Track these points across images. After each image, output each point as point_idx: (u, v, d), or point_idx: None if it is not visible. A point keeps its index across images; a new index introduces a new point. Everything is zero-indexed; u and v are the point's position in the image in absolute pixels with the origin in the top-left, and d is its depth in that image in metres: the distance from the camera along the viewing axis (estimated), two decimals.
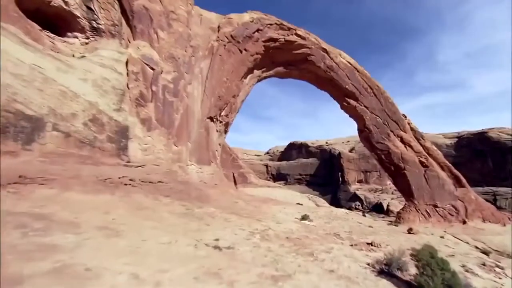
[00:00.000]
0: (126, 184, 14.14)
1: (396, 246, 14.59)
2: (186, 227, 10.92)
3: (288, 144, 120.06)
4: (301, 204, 30.12)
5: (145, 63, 18.94)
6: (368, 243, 15.05)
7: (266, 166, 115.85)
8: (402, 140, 28.34)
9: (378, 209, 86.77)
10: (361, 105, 28.15)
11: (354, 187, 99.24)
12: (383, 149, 28.21)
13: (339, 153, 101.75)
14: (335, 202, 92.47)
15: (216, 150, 24.81)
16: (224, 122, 25.11)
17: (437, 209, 26.39)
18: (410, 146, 27.85)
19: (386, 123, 28.57)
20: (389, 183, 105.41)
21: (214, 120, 23.41)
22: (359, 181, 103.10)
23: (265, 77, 28.45)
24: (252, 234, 11.87)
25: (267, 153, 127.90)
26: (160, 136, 18.29)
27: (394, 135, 28.47)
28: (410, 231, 20.22)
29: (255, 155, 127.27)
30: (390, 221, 27.69)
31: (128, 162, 16.51)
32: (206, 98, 21.86)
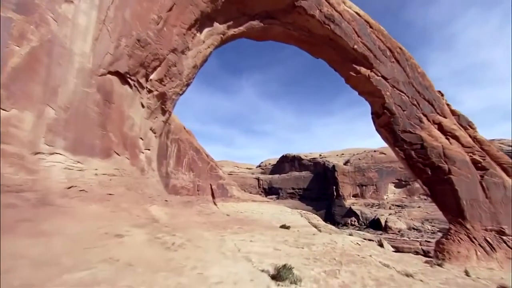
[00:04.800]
0: None
1: None
2: None
3: (281, 157, 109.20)
4: (288, 228, 18.85)
5: None
6: None
7: (258, 179, 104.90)
8: (442, 129, 17.58)
9: (375, 225, 76.22)
10: (377, 75, 17.56)
11: (349, 202, 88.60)
12: (414, 141, 17.35)
13: (334, 166, 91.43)
14: (330, 218, 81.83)
15: (141, 138, 13.81)
16: (156, 93, 14.25)
17: (504, 237, 15.40)
18: (455, 138, 17.07)
19: (416, 103, 17.88)
20: (386, 197, 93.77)
21: (132, 82, 12.58)
22: (355, 196, 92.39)
23: (232, 37, 17.95)
24: None
25: (259, 166, 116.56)
26: None
27: (429, 120, 17.81)
28: None
29: (247, 168, 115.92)
30: (426, 255, 16.36)
31: None
32: (107, 36, 11.14)
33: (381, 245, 18.03)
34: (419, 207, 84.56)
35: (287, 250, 11.67)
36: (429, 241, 60.90)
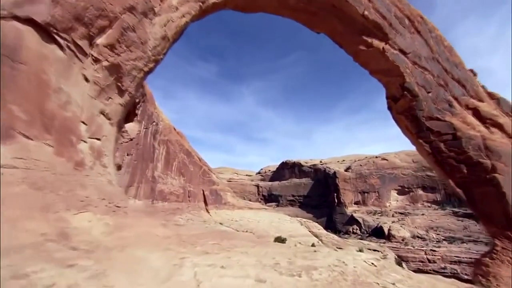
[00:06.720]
0: None
1: None
2: None
3: (281, 163, 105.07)
4: (283, 241, 14.74)
5: None
6: None
7: (257, 186, 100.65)
8: (479, 115, 13.56)
9: (378, 233, 71.82)
10: (393, 49, 13.63)
11: (351, 209, 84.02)
12: (443, 130, 13.26)
13: (335, 173, 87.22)
14: (331, 226, 77.43)
15: (84, 123, 9.97)
16: (107, 63, 10.47)
17: None
18: (498, 126, 13.01)
19: (444, 84, 13.87)
20: (388, 204, 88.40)
21: (64, 42, 8.85)
22: (356, 203, 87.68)
23: (214, 6, 14.35)
24: None
25: (259, 173, 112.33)
26: None
27: (461, 105, 13.84)
28: None
29: (246, 175, 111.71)
30: (459, 278, 12.17)
31: None
32: None
33: (399, 263, 13.79)
34: (423, 214, 79.98)
35: (276, 280, 7.52)
36: (434, 250, 56.39)
